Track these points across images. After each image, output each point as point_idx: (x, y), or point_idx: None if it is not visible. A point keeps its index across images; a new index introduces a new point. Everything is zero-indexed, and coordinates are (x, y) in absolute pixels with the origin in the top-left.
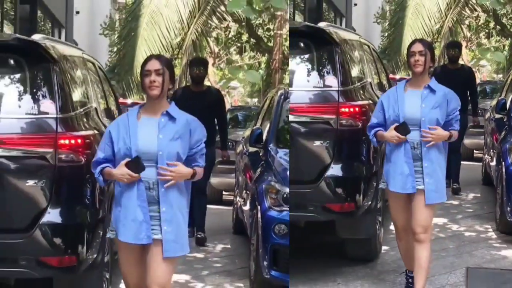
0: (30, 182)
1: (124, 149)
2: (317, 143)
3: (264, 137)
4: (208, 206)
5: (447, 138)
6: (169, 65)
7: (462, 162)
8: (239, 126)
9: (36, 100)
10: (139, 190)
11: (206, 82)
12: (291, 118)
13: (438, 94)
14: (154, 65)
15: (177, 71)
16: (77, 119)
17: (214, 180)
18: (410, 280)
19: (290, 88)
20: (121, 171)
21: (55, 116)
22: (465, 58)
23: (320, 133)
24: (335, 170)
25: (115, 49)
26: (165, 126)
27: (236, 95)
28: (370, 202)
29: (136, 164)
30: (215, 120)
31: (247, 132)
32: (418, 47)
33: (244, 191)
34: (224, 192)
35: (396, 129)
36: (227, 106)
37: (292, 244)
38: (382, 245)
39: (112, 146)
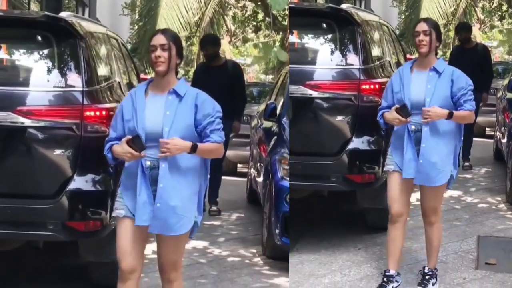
0: (57, 152)
1: (131, 127)
2: (339, 118)
3: (277, 112)
4: (223, 177)
5: (446, 116)
6: (176, 40)
7: (474, 139)
8: (254, 102)
9: (63, 74)
10: (142, 170)
11: None
12: (315, 94)
13: (443, 75)
14: (160, 39)
15: (195, 49)
16: (101, 92)
17: (229, 153)
18: (384, 279)
19: (312, 66)
20: (122, 148)
21: (81, 89)
22: (478, 40)
23: (342, 109)
24: (356, 143)
25: (136, 27)
26: (172, 103)
27: (251, 72)
28: None
29: (137, 142)
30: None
31: (262, 107)
32: (422, 26)
33: (258, 163)
34: (239, 165)
35: (397, 111)
36: None
37: (316, 212)
38: None
39: (123, 124)
